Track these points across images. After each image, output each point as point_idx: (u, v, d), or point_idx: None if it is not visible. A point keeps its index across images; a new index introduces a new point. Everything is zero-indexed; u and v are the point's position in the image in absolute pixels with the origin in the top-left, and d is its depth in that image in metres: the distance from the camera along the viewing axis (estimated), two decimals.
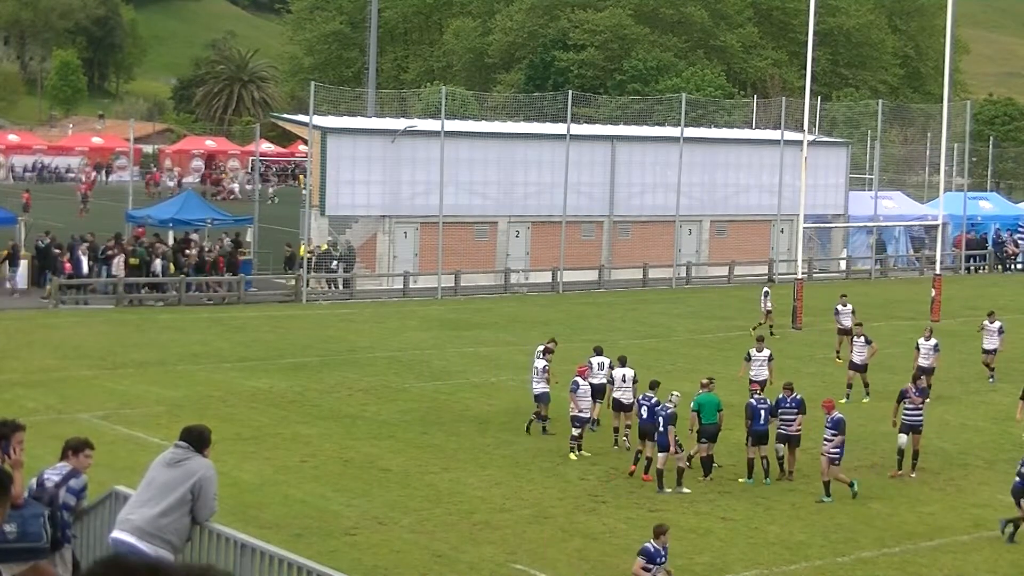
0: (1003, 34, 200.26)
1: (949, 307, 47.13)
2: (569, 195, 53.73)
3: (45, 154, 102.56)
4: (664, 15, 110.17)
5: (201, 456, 11.40)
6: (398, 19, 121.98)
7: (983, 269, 67.06)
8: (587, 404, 26.19)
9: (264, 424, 28.05)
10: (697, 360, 36.78)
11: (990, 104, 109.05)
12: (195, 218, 50.76)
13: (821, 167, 61.23)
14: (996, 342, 34.14)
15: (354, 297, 50.06)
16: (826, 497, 23.31)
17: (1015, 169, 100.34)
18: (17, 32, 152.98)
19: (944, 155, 51.31)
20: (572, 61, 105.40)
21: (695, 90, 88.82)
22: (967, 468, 26.10)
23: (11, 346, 36.46)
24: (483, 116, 77.13)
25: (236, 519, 18.73)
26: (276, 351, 37.25)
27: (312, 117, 51.64)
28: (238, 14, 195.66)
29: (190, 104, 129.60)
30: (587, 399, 26.21)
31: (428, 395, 31.64)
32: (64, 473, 11.72)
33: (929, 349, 32.53)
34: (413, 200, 52.84)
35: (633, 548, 20.44)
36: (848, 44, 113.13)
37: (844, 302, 38.31)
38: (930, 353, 32.47)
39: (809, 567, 19.91)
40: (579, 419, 25.91)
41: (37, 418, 24.77)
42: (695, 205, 59.36)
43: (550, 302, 49.82)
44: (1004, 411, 31.64)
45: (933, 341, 32.71)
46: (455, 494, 23.07)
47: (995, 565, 20.34)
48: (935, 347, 32.61)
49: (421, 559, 19.56)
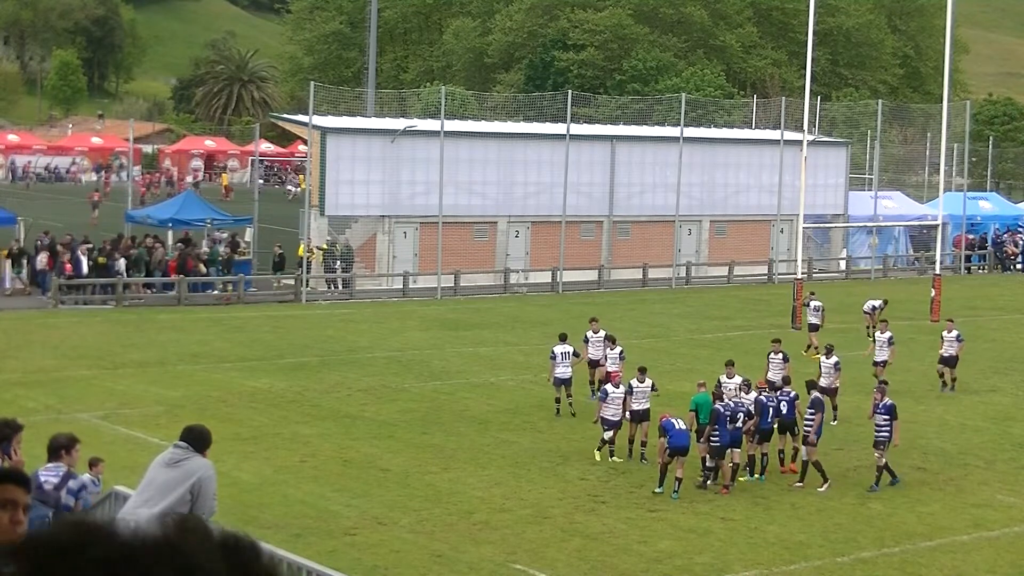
0: (1002, 34, 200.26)
1: (949, 307, 47.11)
2: (569, 195, 53.73)
3: (45, 154, 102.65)
4: (664, 15, 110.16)
5: (201, 456, 11.40)
6: (398, 19, 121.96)
7: (983, 269, 67.07)
8: (615, 411, 25.38)
9: (264, 424, 28.05)
10: (696, 360, 36.78)
11: (990, 104, 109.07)
12: (195, 218, 50.76)
13: (821, 167, 61.23)
14: (886, 354, 32.68)
15: (354, 297, 50.06)
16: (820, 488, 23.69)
17: (1015, 169, 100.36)
18: (17, 32, 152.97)
19: (944, 155, 51.31)
20: (572, 61, 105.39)
21: (695, 90, 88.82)
22: (967, 468, 26.09)
23: (10, 346, 36.46)
24: (483, 116, 77.12)
25: (236, 519, 18.73)
26: (276, 351, 37.25)
27: (312, 117, 51.63)
28: (238, 14, 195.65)
29: (190, 104, 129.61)
30: (616, 406, 25.42)
31: (428, 395, 31.63)
32: (60, 474, 11.71)
33: (884, 342, 32.57)
34: (413, 200, 52.84)
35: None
36: (848, 44, 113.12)
37: (812, 299, 39.35)
38: (884, 346, 32.49)
39: (809, 567, 19.90)
40: (608, 422, 25.31)
41: (36, 418, 24.75)
42: (695, 205, 59.37)
43: (550, 302, 49.81)
44: (1004, 411, 31.67)
45: (888, 334, 32.69)
46: (455, 494, 23.06)
47: (995, 565, 20.33)
48: (889, 340, 32.59)
49: (421, 559, 19.54)
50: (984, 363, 38.14)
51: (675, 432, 23.20)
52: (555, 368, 29.43)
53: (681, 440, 23.14)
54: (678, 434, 23.20)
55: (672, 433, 23.22)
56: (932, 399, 32.73)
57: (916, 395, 32.96)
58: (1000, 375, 36.42)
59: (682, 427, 23.38)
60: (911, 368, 35.79)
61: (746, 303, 50.49)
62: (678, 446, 23.08)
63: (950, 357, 33.37)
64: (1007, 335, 44.37)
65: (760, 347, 33.42)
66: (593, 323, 32.15)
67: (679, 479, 23.36)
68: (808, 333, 39.00)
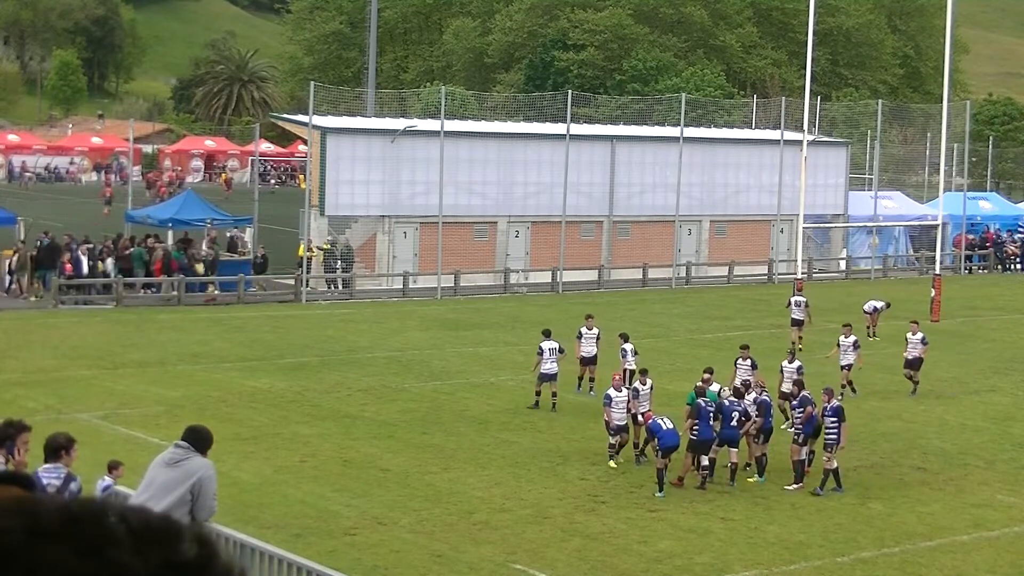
0: (1002, 34, 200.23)
1: (949, 307, 47.14)
2: (569, 195, 53.72)
3: (45, 154, 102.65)
4: (664, 15, 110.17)
5: (201, 456, 11.39)
6: (398, 19, 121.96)
7: (983, 269, 67.07)
8: (620, 415, 25.15)
9: (263, 424, 28.05)
10: (696, 360, 36.71)
11: (990, 104, 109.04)
12: (195, 218, 50.75)
13: (821, 167, 61.23)
14: (851, 357, 32.15)
15: (354, 297, 50.06)
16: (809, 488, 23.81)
17: (1015, 169, 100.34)
18: (17, 32, 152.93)
19: (944, 155, 51.30)
20: (572, 61, 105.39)
21: (695, 90, 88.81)
22: (967, 468, 26.09)
23: (10, 346, 36.46)
24: (483, 116, 77.10)
25: (236, 519, 18.73)
26: (275, 351, 37.25)
27: (312, 117, 51.63)
28: (238, 14, 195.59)
29: (190, 104, 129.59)
30: (621, 411, 25.19)
31: (428, 395, 31.63)
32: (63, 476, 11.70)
33: (848, 346, 32.23)
34: (413, 200, 52.84)
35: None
36: (848, 44, 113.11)
37: (798, 295, 39.95)
38: (849, 349, 32.15)
39: (809, 567, 19.91)
40: (615, 427, 25.16)
41: (36, 418, 24.69)
42: (695, 205, 59.36)
43: (550, 302, 49.81)
44: (1004, 411, 31.68)
45: (852, 338, 32.33)
46: (455, 494, 23.06)
47: (995, 565, 20.34)
48: (855, 344, 32.19)
49: (421, 559, 19.55)
50: (984, 363, 38.17)
51: (663, 433, 23.36)
52: (542, 364, 29.74)
53: (671, 440, 23.28)
54: (667, 434, 23.33)
55: (660, 434, 23.37)
56: (932, 399, 32.74)
57: (916, 395, 32.98)
58: (1000, 375, 36.43)
59: (670, 426, 23.50)
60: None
61: (746, 303, 50.49)
62: (669, 446, 23.22)
63: (914, 359, 32.88)
64: (1007, 335, 44.37)
65: (761, 347, 33.43)
66: (589, 319, 32.37)
67: (681, 477, 23.47)
68: (790, 328, 39.29)
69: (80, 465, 14.13)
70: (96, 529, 1.75)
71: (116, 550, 1.73)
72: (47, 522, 1.73)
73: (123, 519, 1.76)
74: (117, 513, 1.77)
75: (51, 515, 1.74)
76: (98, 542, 1.73)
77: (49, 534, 1.73)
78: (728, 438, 24.03)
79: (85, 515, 1.76)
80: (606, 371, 31.01)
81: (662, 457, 23.27)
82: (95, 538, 1.73)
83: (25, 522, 1.73)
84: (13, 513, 1.74)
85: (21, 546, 1.71)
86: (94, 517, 1.76)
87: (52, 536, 1.73)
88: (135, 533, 1.75)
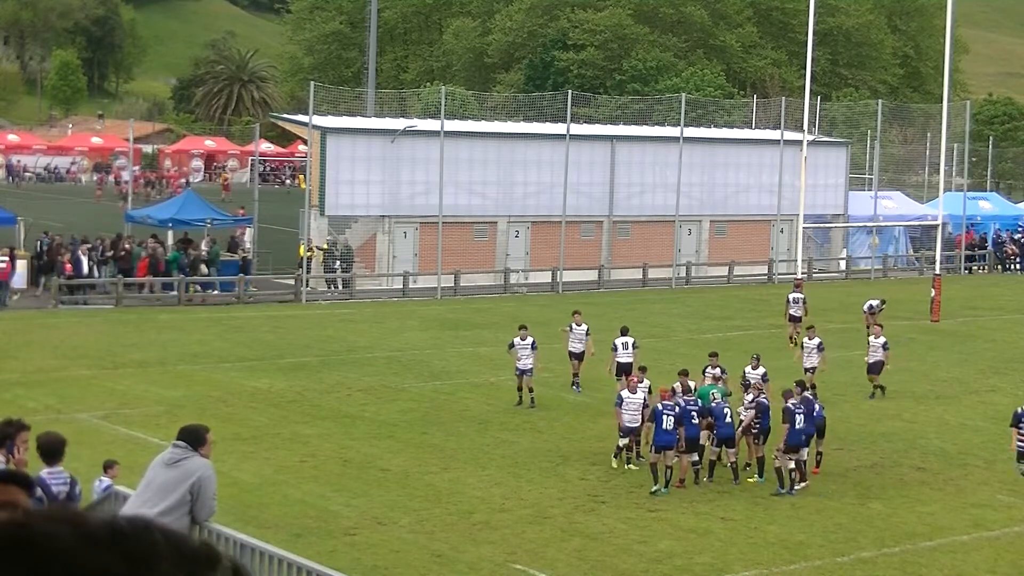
0: (1002, 34, 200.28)
1: (949, 307, 47.14)
2: (569, 195, 53.72)
3: (45, 154, 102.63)
4: (664, 15, 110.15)
5: (199, 455, 11.38)
6: (398, 19, 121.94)
7: (982, 269, 67.07)
8: (632, 416, 24.84)
9: (263, 424, 28.05)
10: (696, 360, 36.68)
11: (989, 104, 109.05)
12: (195, 218, 50.75)
13: (821, 167, 61.23)
14: (815, 360, 31.89)
15: (354, 297, 50.06)
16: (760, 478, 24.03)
17: (1015, 169, 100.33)
18: (17, 32, 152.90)
19: (944, 155, 51.32)
20: (572, 61, 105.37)
21: (695, 90, 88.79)
22: (967, 468, 26.10)
23: (11, 346, 36.46)
24: (483, 116, 77.11)
25: (235, 519, 18.72)
26: (275, 351, 37.25)
27: (312, 117, 51.62)
28: (238, 14, 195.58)
29: (190, 104, 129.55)
30: (632, 412, 24.90)
31: (427, 395, 31.64)
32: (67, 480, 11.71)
33: (812, 348, 32.06)
34: (413, 200, 52.84)
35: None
36: (848, 44, 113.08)
37: (797, 293, 40.75)
38: (813, 352, 31.97)
39: (809, 567, 19.91)
40: (627, 428, 24.96)
41: (37, 418, 24.69)
42: (695, 205, 59.36)
43: (550, 302, 49.78)
44: (1004, 411, 31.54)
45: (816, 340, 32.13)
46: (454, 494, 23.07)
47: (995, 565, 20.34)
48: (819, 346, 31.98)
49: (420, 559, 19.55)
50: (984, 363, 38.17)
51: (658, 431, 23.47)
52: (517, 361, 30.18)
53: (666, 437, 23.37)
54: (662, 433, 23.42)
55: (656, 431, 23.52)
56: (932, 399, 32.76)
57: (916, 395, 33.01)
58: (1000, 375, 36.42)
59: (669, 427, 23.58)
60: (911, 368, 35.83)
61: (746, 303, 50.48)
62: (664, 443, 23.34)
63: (875, 363, 32.59)
64: (1007, 335, 44.36)
65: (760, 347, 33.41)
66: (576, 315, 32.69)
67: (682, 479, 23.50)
68: (789, 324, 39.79)
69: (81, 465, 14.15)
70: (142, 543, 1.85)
71: (164, 564, 1.83)
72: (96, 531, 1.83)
73: (167, 537, 1.87)
74: (160, 531, 1.88)
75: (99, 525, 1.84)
76: (146, 554, 1.83)
77: (99, 542, 1.82)
78: (724, 437, 24.12)
79: (131, 529, 1.86)
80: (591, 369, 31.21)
81: (655, 452, 23.41)
82: (142, 551, 1.84)
83: (74, 530, 1.81)
84: (62, 520, 1.83)
85: (70, 551, 1.79)
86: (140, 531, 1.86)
87: (101, 544, 1.82)
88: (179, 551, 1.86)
